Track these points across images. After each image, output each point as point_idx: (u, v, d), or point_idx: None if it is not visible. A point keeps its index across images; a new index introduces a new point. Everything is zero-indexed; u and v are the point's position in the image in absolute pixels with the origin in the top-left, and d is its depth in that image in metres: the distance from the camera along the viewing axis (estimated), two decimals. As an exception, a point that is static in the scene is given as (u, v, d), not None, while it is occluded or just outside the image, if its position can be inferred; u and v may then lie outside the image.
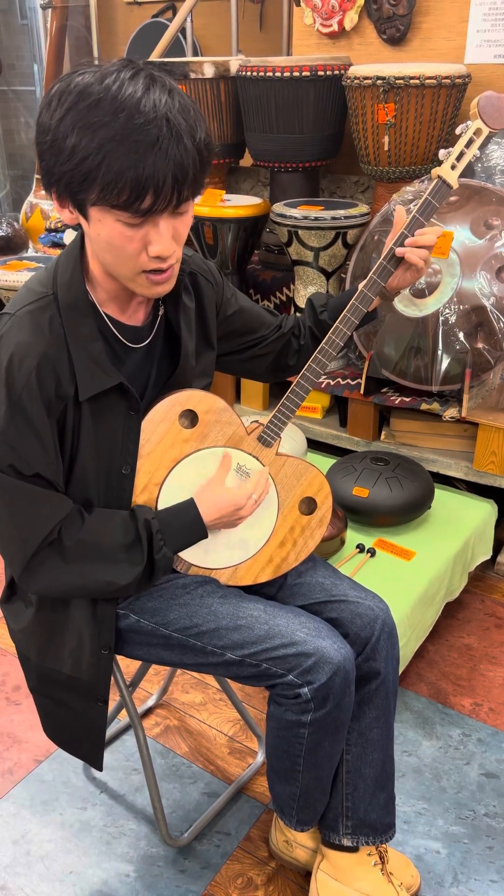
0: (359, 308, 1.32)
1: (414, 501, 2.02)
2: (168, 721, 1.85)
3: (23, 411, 1.10)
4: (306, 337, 1.47)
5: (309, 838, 1.48)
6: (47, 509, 1.16)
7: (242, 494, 1.27)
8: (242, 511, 1.28)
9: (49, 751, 1.77)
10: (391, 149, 2.42)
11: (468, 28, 2.51)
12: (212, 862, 1.54)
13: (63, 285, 1.14)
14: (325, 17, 2.75)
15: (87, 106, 0.98)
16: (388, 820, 1.40)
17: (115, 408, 1.19)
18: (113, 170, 0.98)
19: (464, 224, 2.17)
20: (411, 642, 1.85)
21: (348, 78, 2.41)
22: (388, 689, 1.35)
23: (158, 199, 1.01)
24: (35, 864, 1.54)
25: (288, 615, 1.27)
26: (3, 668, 2.02)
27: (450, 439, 2.40)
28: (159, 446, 1.25)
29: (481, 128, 1.30)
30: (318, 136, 2.63)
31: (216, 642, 1.26)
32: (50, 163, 1.03)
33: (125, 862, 1.54)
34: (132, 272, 1.09)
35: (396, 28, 2.62)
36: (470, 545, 2.08)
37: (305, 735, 1.27)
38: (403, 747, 1.78)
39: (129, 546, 1.20)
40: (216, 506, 1.26)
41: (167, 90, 1.01)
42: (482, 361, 2.19)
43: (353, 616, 1.32)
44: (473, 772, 1.73)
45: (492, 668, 2.01)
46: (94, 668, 1.28)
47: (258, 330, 1.45)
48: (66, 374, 1.13)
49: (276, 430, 1.32)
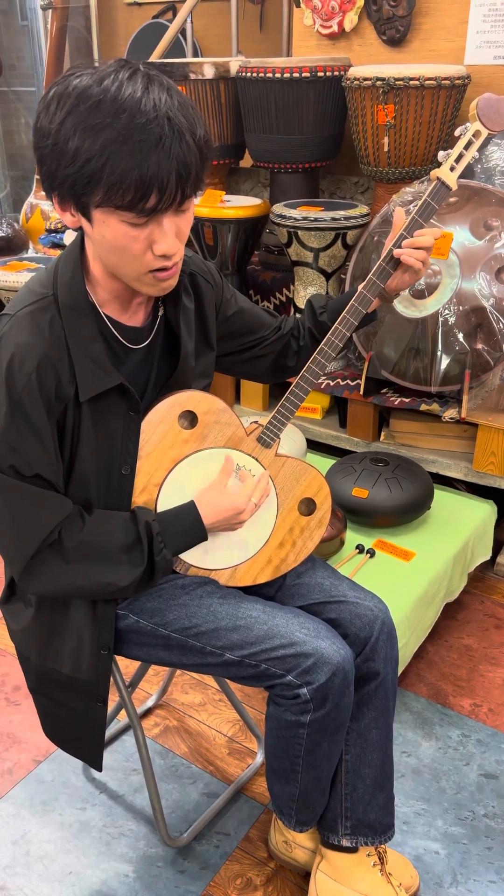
0: (358, 309, 1.32)
1: (413, 502, 2.02)
2: (167, 721, 1.85)
3: (23, 412, 1.10)
4: (306, 338, 1.47)
5: (308, 839, 1.48)
6: (47, 510, 1.16)
7: (243, 498, 1.28)
8: (242, 515, 1.28)
9: (48, 751, 1.77)
10: (391, 150, 2.42)
11: (468, 29, 2.52)
12: (211, 862, 1.54)
13: (63, 286, 1.14)
14: (324, 18, 2.75)
15: (87, 108, 0.98)
16: (387, 820, 1.40)
17: (115, 408, 1.19)
18: (117, 170, 0.98)
19: (463, 225, 2.18)
20: (411, 643, 1.85)
21: (348, 79, 2.41)
22: (387, 689, 1.35)
23: (163, 198, 1.01)
24: (34, 865, 1.54)
25: (287, 616, 1.27)
26: (2, 668, 2.02)
27: (449, 440, 2.40)
28: (159, 447, 1.25)
29: (480, 130, 1.31)
30: (317, 137, 2.63)
31: (215, 643, 1.26)
32: (52, 167, 1.03)
33: (124, 862, 1.54)
34: (138, 272, 1.10)
35: (396, 29, 2.62)
36: (469, 546, 2.08)
37: (304, 735, 1.27)
38: (403, 748, 1.78)
39: (130, 547, 1.20)
40: (216, 508, 1.26)
41: (165, 89, 1.01)
42: (482, 362, 2.19)
43: (353, 617, 1.32)
44: (473, 772, 1.73)
45: (491, 668, 2.01)
46: (94, 669, 1.29)
47: (258, 331, 1.45)
48: (66, 374, 1.13)
49: (275, 430, 1.32)
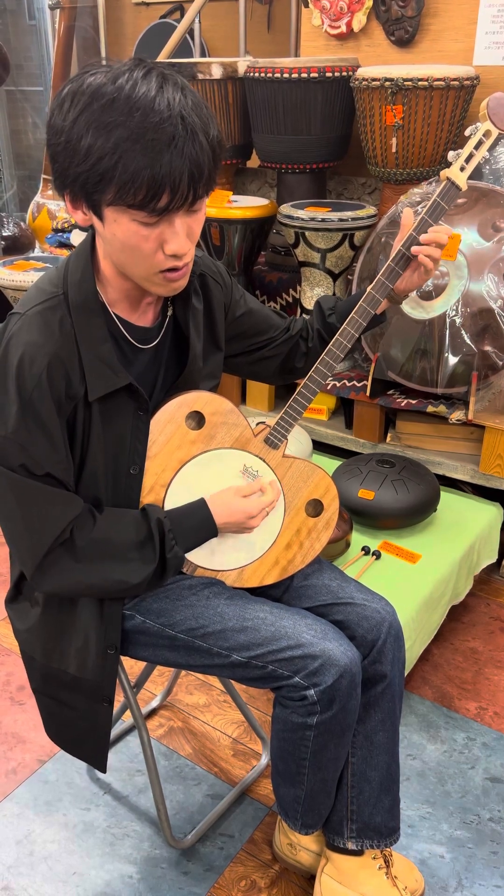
0: (366, 310, 1.31)
1: (419, 504, 2.02)
2: (172, 722, 1.85)
3: (34, 411, 1.10)
4: (314, 340, 1.46)
5: (313, 841, 1.47)
6: (59, 508, 1.16)
7: (256, 506, 1.27)
8: (253, 521, 1.28)
9: (53, 751, 1.77)
10: (399, 150, 2.42)
11: (477, 30, 2.51)
12: (215, 864, 1.53)
13: (74, 285, 1.13)
14: (333, 18, 2.75)
15: (101, 106, 0.98)
16: (392, 824, 1.39)
17: (123, 408, 1.19)
18: (129, 169, 0.97)
19: (471, 226, 2.17)
20: (416, 645, 1.84)
21: (356, 79, 2.41)
22: (394, 692, 1.35)
23: (175, 198, 1.01)
24: (38, 865, 1.53)
25: (294, 617, 1.27)
26: (7, 668, 2.02)
27: (456, 442, 2.39)
28: (166, 447, 1.25)
29: (490, 129, 1.30)
30: (325, 137, 2.63)
31: (222, 644, 1.25)
32: (64, 164, 1.02)
33: (128, 863, 1.54)
34: (148, 272, 1.09)
35: (405, 30, 2.62)
36: (475, 548, 2.08)
37: (311, 738, 1.27)
38: (408, 751, 1.78)
39: (142, 544, 1.20)
40: (229, 509, 1.26)
41: (179, 88, 1.01)
42: (489, 364, 2.19)
43: (360, 619, 1.32)
44: (478, 776, 1.72)
45: (497, 671, 2.01)
46: (100, 668, 1.28)
47: (266, 332, 1.45)
48: (76, 374, 1.13)
49: (282, 431, 1.32)
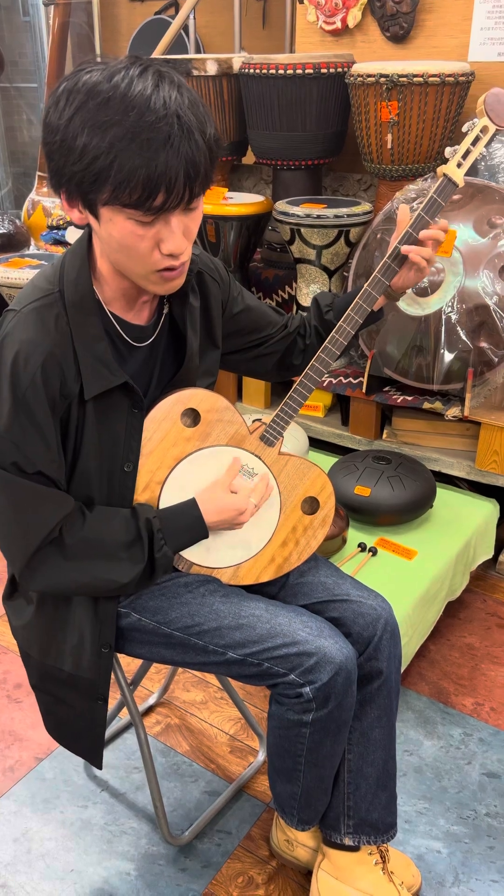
0: (363, 307, 1.31)
1: (416, 501, 2.02)
2: (169, 719, 1.85)
3: (27, 409, 1.10)
4: (312, 336, 1.46)
5: (310, 837, 1.48)
6: (49, 507, 1.16)
7: (244, 499, 1.27)
8: (243, 516, 1.28)
9: (50, 749, 1.77)
10: (394, 147, 2.41)
11: (472, 26, 2.51)
12: (213, 861, 1.53)
13: (69, 283, 1.13)
14: (328, 14, 2.74)
15: (96, 105, 0.97)
16: (389, 819, 1.39)
17: (118, 406, 1.18)
18: (125, 168, 0.97)
19: (467, 222, 2.17)
20: (413, 642, 1.84)
21: (351, 76, 2.41)
22: (390, 688, 1.35)
23: (171, 197, 1.00)
24: (36, 862, 1.53)
25: (290, 614, 1.27)
26: (4, 665, 2.01)
27: (452, 438, 2.39)
28: (161, 445, 1.25)
29: (488, 125, 1.30)
30: (320, 133, 2.62)
31: (218, 641, 1.25)
32: (60, 163, 1.02)
33: (126, 860, 1.54)
34: (145, 271, 1.09)
35: (400, 26, 2.61)
36: (472, 545, 2.08)
37: (307, 734, 1.27)
38: (405, 747, 1.78)
39: (130, 544, 1.20)
40: (218, 506, 1.26)
41: (176, 86, 1.00)
42: (485, 360, 2.19)
43: (356, 615, 1.32)
44: (475, 771, 1.72)
45: (493, 667, 2.01)
46: (95, 666, 1.28)
47: (264, 329, 1.44)
48: (71, 372, 1.12)
49: (278, 429, 1.32)
